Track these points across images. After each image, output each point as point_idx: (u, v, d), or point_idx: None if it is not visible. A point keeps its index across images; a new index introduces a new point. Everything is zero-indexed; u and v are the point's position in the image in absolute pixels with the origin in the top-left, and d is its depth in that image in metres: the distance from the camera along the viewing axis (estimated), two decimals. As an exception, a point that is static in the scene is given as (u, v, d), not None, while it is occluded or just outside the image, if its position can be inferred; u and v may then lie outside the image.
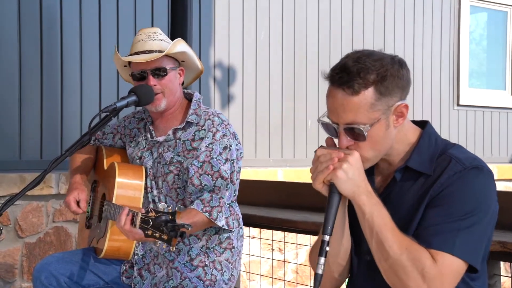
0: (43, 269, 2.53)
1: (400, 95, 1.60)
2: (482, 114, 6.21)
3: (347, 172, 1.56)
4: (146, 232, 1.96)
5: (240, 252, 2.58)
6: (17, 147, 3.87)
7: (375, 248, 1.56)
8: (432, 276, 1.50)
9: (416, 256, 1.51)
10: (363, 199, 1.57)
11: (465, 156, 1.62)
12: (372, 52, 1.61)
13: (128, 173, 2.49)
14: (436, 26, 5.90)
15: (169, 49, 2.43)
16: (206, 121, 2.47)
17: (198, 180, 2.39)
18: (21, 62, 3.87)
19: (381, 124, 1.58)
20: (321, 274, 1.55)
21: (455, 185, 1.56)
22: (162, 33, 2.54)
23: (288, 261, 4.55)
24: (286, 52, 5.04)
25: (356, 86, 1.54)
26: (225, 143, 2.44)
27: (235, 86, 4.82)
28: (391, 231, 1.54)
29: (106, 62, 4.14)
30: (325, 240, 1.57)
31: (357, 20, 5.39)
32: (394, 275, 1.54)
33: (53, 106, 3.98)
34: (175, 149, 2.48)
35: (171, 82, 2.48)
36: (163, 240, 1.92)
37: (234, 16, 4.78)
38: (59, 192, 3.73)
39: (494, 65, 6.68)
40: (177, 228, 1.89)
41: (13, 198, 2.14)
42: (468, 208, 1.55)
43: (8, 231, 3.60)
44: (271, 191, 3.52)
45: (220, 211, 2.37)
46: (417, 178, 1.63)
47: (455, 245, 1.52)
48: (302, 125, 5.11)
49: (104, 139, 2.75)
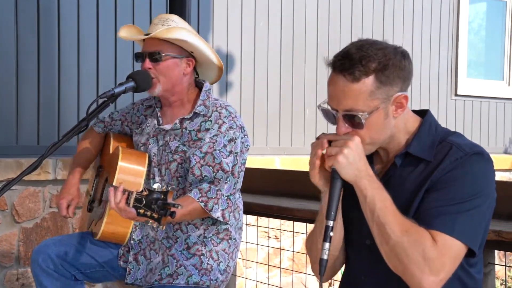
0: (41, 251, 2.55)
1: (401, 85, 1.61)
2: (479, 104, 6.22)
3: (348, 157, 1.57)
4: (138, 210, 1.95)
5: (238, 244, 2.58)
6: (14, 132, 3.86)
7: (376, 232, 1.58)
8: (433, 256, 1.51)
9: (417, 238, 1.52)
10: (365, 183, 1.58)
11: (465, 142, 1.63)
12: (376, 41, 1.62)
13: (131, 158, 2.50)
14: (435, 16, 5.88)
15: (156, 33, 2.40)
16: (213, 113, 2.45)
17: (199, 170, 2.39)
18: (18, 46, 3.85)
19: (380, 113, 1.59)
20: (326, 259, 1.58)
21: (457, 170, 1.58)
22: (177, 20, 2.47)
23: (284, 249, 4.57)
24: (285, 40, 5.03)
25: (357, 73, 1.55)
26: (231, 136, 2.43)
27: (233, 74, 4.81)
28: (392, 214, 1.55)
29: (104, 47, 4.13)
30: (329, 225, 1.59)
31: (356, 9, 5.37)
32: (395, 257, 1.55)
33: (50, 91, 3.97)
34: (181, 138, 2.47)
35: (168, 69, 2.45)
36: (154, 218, 1.92)
37: (232, 3, 4.76)
38: (56, 177, 3.73)
39: (492, 56, 6.67)
40: (167, 206, 1.89)
41: (9, 183, 2.14)
42: (469, 192, 1.57)
43: (4, 216, 3.60)
44: (268, 179, 3.53)
45: (216, 203, 2.37)
46: (417, 164, 1.64)
47: (455, 227, 1.54)
48: (300, 113, 5.11)
49: (113, 126, 2.76)
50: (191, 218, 2.42)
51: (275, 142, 5.02)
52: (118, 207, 2.13)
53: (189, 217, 2.40)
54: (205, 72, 2.61)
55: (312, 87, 5.13)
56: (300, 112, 5.12)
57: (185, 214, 2.34)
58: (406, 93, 1.62)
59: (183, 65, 2.48)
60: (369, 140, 1.62)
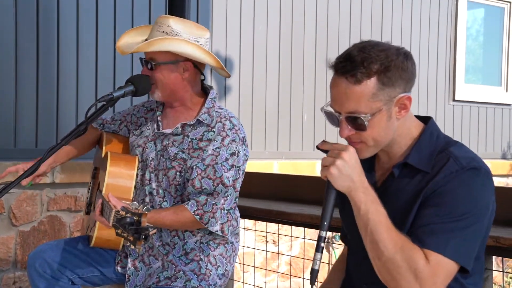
0: (38, 256, 2.54)
1: (404, 87, 1.60)
2: (477, 109, 6.24)
3: (341, 169, 1.55)
4: (117, 231, 1.97)
5: (236, 248, 2.58)
6: (12, 136, 3.86)
7: (369, 246, 1.56)
8: (425, 276, 1.50)
9: (410, 255, 1.51)
10: (359, 196, 1.56)
11: (464, 155, 1.59)
12: (378, 43, 1.61)
13: (120, 163, 2.48)
14: (433, 21, 5.90)
15: (138, 47, 2.39)
16: (217, 123, 2.42)
17: (200, 182, 2.37)
18: (17, 50, 3.86)
19: (383, 114, 1.58)
20: (317, 269, 1.56)
21: (451, 184, 1.55)
22: (171, 25, 2.43)
23: (282, 253, 4.57)
24: (284, 44, 5.04)
25: (359, 75, 1.55)
26: (233, 149, 2.40)
27: (232, 78, 4.82)
28: (386, 230, 1.53)
29: (102, 51, 4.13)
30: (322, 236, 1.58)
31: (355, 14, 5.39)
32: (387, 273, 1.54)
33: (49, 95, 3.97)
34: (180, 145, 2.45)
35: (163, 76, 2.42)
36: (129, 241, 1.93)
37: (231, 8, 4.77)
38: (54, 181, 3.73)
39: (490, 61, 6.70)
40: (140, 231, 1.90)
41: (8, 186, 2.13)
42: (464, 209, 1.54)
43: (2, 219, 3.60)
44: (267, 183, 3.53)
45: (212, 216, 2.36)
46: (415, 175, 1.63)
47: (448, 246, 1.52)
48: (298, 118, 5.12)
49: (111, 124, 2.75)
50: (183, 228, 2.42)
51: (273, 146, 5.02)
52: (100, 221, 2.20)
53: (184, 227, 2.40)
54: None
55: (311, 92, 5.14)
56: (299, 117, 5.12)
57: (176, 225, 2.36)
58: (409, 94, 1.61)
59: (180, 70, 2.45)
60: (372, 142, 1.61)
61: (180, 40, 2.43)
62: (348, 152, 1.57)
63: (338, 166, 1.55)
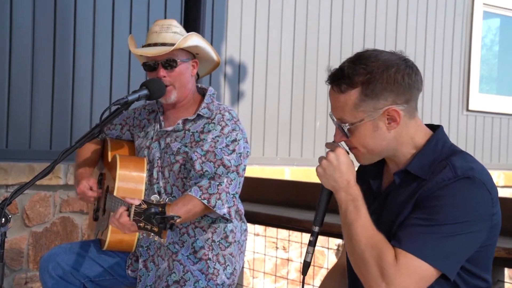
0: (51, 259, 2.55)
1: (394, 99, 1.61)
2: (491, 120, 6.20)
3: (325, 168, 1.66)
4: (139, 224, 1.98)
5: (243, 246, 2.59)
6: (27, 137, 3.90)
7: (346, 242, 1.64)
8: (391, 274, 1.52)
9: (379, 253, 1.55)
10: (341, 195, 1.65)
11: (462, 164, 1.59)
12: (375, 53, 1.63)
13: (129, 166, 2.49)
14: (448, 30, 5.88)
15: (179, 43, 2.45)
16: (217, 115, 2.49)
17: (200, 166, 2.39)
18: (34, 53, 3.90)
19: (366, 124, 1.62)
20: (309, 262, 1.67)
21: (441, 191, 1.56)
22: (178, 25, 2.55)
23: (292, 260, 4.57)
24: (297, 51, 5.05)
25: (342, 87, 1.63)
26: (234, 137, 2.45)
27: (245, 84, 4.83)
28: (361, 227, 1.59)
29: (118, 54, 4.17)
30: (315, 231, 1.72)
31: (369, 23, 5.39)
32: (357, 269, 1.60)
33: (64, 97, 4.01)
34: (182, 139, 2.48)
35: (182, 74, 2.49)
36: (154, 232, 1.94)
37: (246, 13, 4.79)
38: (67, 182, 3.76)
39: (504, 71, 6.65)
40: (166, 220, 1.91)
41: (22, 187, 2.15)
42: (451, 216, 1.54)
43: (15, 219, 3.63)
44: (278, 189, 3.53)
45: (219, 198, 2.37)
46: (413, 181, 1.64)
47: (424, 249, 1.53)
48: (311, 125, 5.12)
49: (112, 130, 2.75)
50: (193, 217, 2.41)
51: (285, 152, 5.02)
52: (119, 222, 2.15)
53: (192, 217, 2.39)
54: (202, 66, 2.66)
55: (324, 99, 5.14)
56: (311, 123, 5.12)
57: (188, 216, 2.34)
58: (399, 107, 1.61)
59: (190, 68, 2.55)
60: (363, 149, 1.66)
61: (197, 35, 2.56)
62: (334, 153, 1.67)
63: (323, 166, 1.67)
